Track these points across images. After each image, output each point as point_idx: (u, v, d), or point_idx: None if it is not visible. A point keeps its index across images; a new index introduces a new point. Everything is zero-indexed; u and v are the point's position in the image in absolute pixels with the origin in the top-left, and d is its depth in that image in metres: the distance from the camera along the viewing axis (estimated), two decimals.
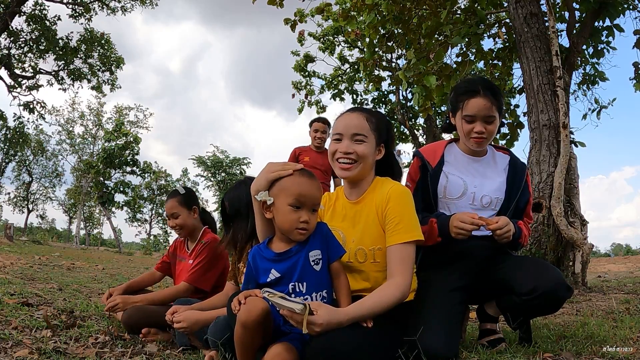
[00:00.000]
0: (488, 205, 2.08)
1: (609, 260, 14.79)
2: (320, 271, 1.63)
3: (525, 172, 2.16)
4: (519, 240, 2.04)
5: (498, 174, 2.13)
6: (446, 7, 5.72)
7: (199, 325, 2.00)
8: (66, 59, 19.40)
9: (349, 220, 1.85)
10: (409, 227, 1.71)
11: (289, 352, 1.48)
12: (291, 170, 1.60)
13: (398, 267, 1.68)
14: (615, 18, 5.25)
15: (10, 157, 33.43)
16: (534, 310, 1.91)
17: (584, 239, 4.50)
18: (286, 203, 1.58)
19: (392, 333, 1.66)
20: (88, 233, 41.94)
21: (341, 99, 15.05)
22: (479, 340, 2.07)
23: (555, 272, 1.85)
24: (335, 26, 14.19)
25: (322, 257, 1.64)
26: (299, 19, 6.99)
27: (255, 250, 1.68)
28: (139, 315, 2.32)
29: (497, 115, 2.04)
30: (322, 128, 4.75)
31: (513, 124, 6.39)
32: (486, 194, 2.08)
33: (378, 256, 1.76)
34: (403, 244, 1.69)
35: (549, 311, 1.99)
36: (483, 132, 2.03)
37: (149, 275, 2.89)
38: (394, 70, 12.13)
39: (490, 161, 2.17)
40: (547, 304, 1.85)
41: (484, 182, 2.10)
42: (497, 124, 2.07)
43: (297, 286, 1.60)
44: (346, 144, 1.78)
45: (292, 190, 1.58)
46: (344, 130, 1.80)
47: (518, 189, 2.10)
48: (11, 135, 25.47)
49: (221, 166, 31.71)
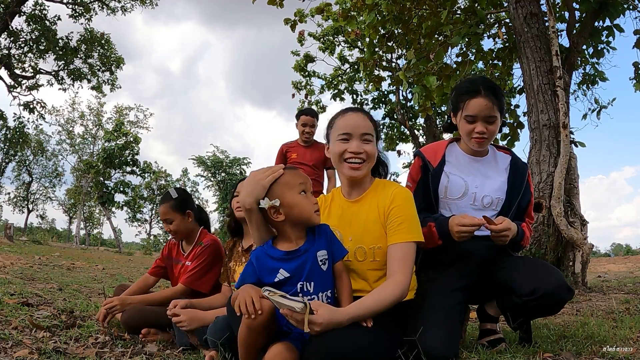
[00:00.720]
0: (489, 206, 2.08)
1: (609, 260, 14.80)
2: (326, 271, 1.65)
3: (527, 172, 2.16)
4: (521, 243, 2.03)
5: (499, 173, 2.13)
6: (446, 7, 5.72)
7: (197, 322, 2.01)
8: (66, 59, 19.40)
9: (345, 219, 1.86)
10: (411, 227, 1.73)
11: (289, 352, 1.49)
12: (281, 170, 1.66)
13: (398, 265, 1.69)
14: (615, 18, 5.25)
15: (10, 157, 33.41)
16: (534, 311, 1.90)
17: (584, 239, 4.50)
18: (297, 193, 1.63)
19: (392, 333, 1.66)
20: (88, 233, 41.96)
21: (341, 99, 15.05)
22: (479, 340, 2.07)
23: (556, 273, 1.84)
24: (335, 26, 14.18)
25: (328, 257, 1.66)
26: (298, 19, 6.99)
27: (260, 251, 1.67)
28: (139, 316, 2.32)
29: (498, 115, 2.03)
30: (310, 122, 4.39)
31: (513, 124, 6.39)
32: (487, 194, 2.08)
33: (378, 255, 1.77)
34: (404, 243, 1.71)
35: (550, 312, 1.98)
36: (484, 132, 2.02)
37: (143, 281, 2.76)
38: (394, 70, 12.14)
39: (492, 161, 2.17)
40: (548, 305, 1.84)
41: (485, 182, 2.10)
42: (499, 124, 2.06)
43: (305, 286, 1.61)
44: (356, 144, 1.79)
45: (294, 182, 1.64)
46: (352, 130, 1.81)
47: (520, 189, 2.10)
48: (11, 135, 25.45)
49: (221, 166, 31.70)
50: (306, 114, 4.45)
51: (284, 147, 4.55)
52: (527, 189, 2.12)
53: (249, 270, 1.64)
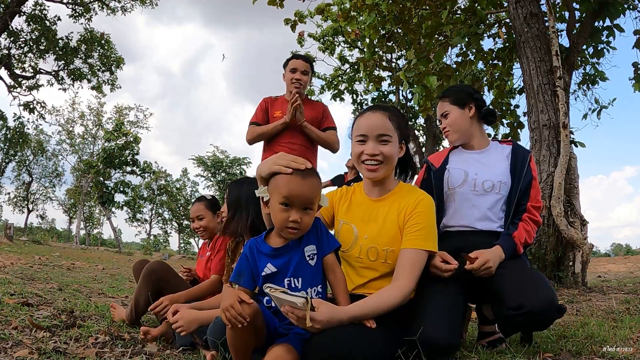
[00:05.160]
0: (491, 189, 2.08)
1: (609, 260, 14.78)
2: (315, 266, 1.64)
3: (529, 156, 2.15)
4: (516, 251, 1.98)
5: (501, 160, 2.16)
6: (446, 7, 5.73)
7: (195, 324, 2.00)
8: (66, 59, 19.39)
9: (364, 216, 1.85)
10: (428, 236, 1.72)
11: (289, 354, 1.48)
12: (290, 170, 1.58)
13: (407, 270, 1.68)
14: (615, 18, 5.26)
15: (10, 157, 33.41)
16: (520, 326, 1.84)
17: (584, 239, 4.50)
18: (277, 201, 1.58)
19: (393, 332, 1.66)
20: (88, 233, 41.92)
21: (341, 99, 15.02)
22: (479, 341, 2.07)
23: (547, 291, 1.74)
24: (335, 26, 14.18)
25: (317, 251, 1.65)
26: (298, 19, 6.99)
27: (252, 243, 1.68)
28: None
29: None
30: (302, 66, 3.35)
31: (513, 124, 6.40)
32: (488, 178, 2.10)
33: (390, 258, 1.76)
34: (418, 250, 1.70)
35: (536, 329, 1.92)
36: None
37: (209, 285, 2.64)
38: (394, 70, 12.12)
39: (492, 152, 2.21)
40: (534, 322, 1.77)
41: (485, 169, 2.13)
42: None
43: (293, 281, 1.61)
44: (372, 145, 1.77)
45: (281, 189, 1.57)
46: (367, 131, 1.78)
47: (522, 171, 2.09)
48: (11, 135, 25.47)
49: (221, 166, 31.72)
50: (297, 58, 3.44)
51: (267, 101, 3.51)
52: (529, 171, 2.10)
53: (244, 263, 1.66)
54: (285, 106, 3.38)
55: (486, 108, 2.28)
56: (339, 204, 1.93)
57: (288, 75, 3.40)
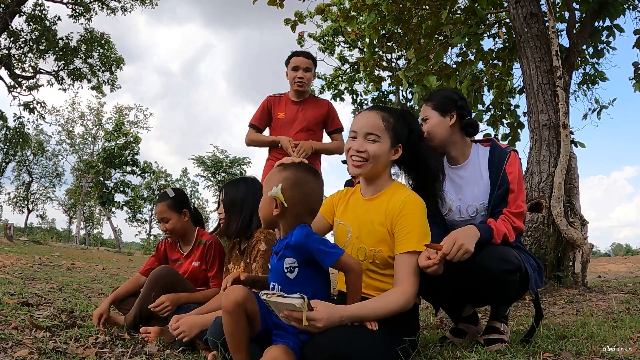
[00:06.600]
0: (475, 214, 2.07)
1: (609, 260, 14.78)
2: (295, 279, 1.60)
3: (506, 158, 2.04)
4: (492, 235, 1.85)
5: (480, 175, 2.08)
6: (446, 7, 5.72)
7: (197, 328, 2.00)
8: (66, 59, 19.38)
9: (357, 216, 1.86)
10: (420, 237, 1.71)
11: (286, 355, 1.48)
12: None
13: (406, 275, 1.67)
14: (615, 18, 5.25)
15: (10, 157, 33.38)
16: (482, 288, 1.80)
17: (584, 239, 4.50)
18: (265, 192, 1.70)
19: (393, 332, 1.66)
20: (88, 233, 41.93)
21: (341, 99, 15.01)
22: (481, 336, 2.07)
23: (506, 254, 1.76)
24: (334, 26, 14.17)
25: (298, 266, 1.60)
26: (298, 19, 6.99)
27: None
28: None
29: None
30: (304, 64, 3.32)
31: (513, 124, 6.39)
32: (471, 202, 2.07)
33: (378, 258, 1.77)
34: (413, 252, 1.69)
35: (495, 291, 1.83)
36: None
37: (134, 281, 2.67)
38: (394, 70, 12.12)
39: (473, 164, 2.12)
40: (487, 281, 1.75)
41: (467, 190, 2.09)
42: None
43: (275, 287, 1.64)
44: (359, 142, 1.79)
45: (268, 182, 1.71)
46: (358, 128, 1.81)
47: (497, 178, 2.01)
48: (11, 135, 25.47)
49: (221, 166, 31.70)
50: (298, 55, 3.39)
51: (269, 100, 3.48)
52: (504, 177, 2.00)
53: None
54: (289, 107, 3.41)
55: (468, 119, 2.15)
56: (338, 204, 1.96)
57: (290, 74, 3.36)
